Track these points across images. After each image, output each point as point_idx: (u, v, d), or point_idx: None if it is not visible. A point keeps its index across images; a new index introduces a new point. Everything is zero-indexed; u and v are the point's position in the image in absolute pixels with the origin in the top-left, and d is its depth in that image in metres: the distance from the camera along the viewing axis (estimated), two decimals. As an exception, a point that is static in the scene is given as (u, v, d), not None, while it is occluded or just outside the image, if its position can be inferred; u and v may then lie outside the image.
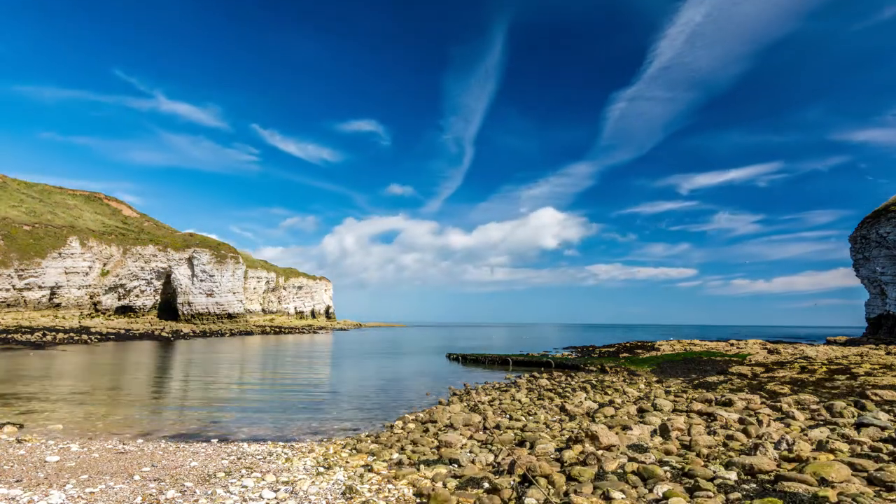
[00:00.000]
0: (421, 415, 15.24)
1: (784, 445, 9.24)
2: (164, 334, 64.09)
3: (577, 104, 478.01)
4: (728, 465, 8.25)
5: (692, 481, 7.40)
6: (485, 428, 12.91)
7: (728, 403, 14.86)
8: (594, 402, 16.72)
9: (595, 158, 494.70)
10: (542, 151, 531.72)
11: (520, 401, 17.68)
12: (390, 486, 7.95)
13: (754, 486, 7.21)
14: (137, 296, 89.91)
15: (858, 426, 11.16)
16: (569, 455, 9.07)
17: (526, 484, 7.59)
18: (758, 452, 8.63)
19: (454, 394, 20.60)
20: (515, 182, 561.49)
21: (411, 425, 13.62)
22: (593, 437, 9.74)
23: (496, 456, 9.57)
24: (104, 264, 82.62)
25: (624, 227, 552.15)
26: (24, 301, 68.24)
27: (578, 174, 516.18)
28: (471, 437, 11.71)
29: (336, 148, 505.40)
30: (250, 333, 77.96)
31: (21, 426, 12.78)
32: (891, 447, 9.10)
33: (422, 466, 8.96)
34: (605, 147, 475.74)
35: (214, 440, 11.91)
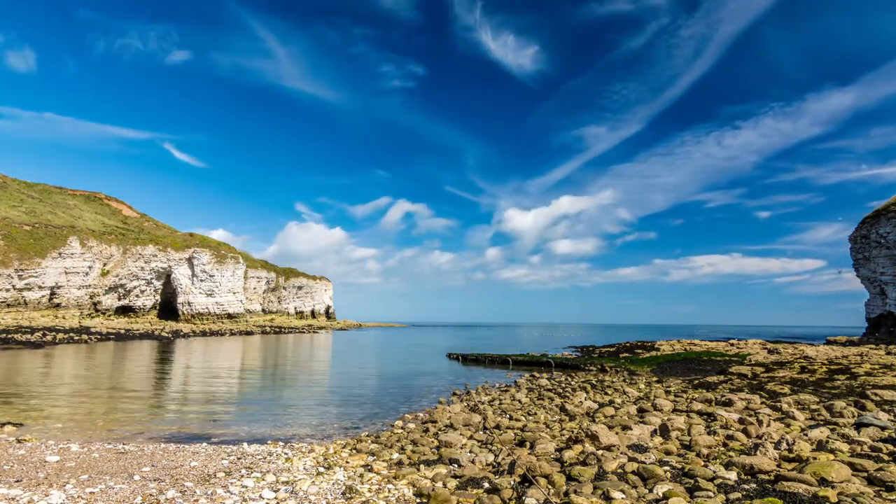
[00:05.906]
0: (421, 415, 15.23)
1: (784, 445, 9.23)
2: (164, 334, 64.03)
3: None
4: (728, 465, 8.25)
5: (692, 481, 7.39)
6: (485, 428, 12.91)
7: (728, 403, 14.85)
8: (594, 401, 16.71)
9: (875, 82, 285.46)
10: (798, 70, 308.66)
11: (520, 401, 17.67)
12: (390, 486, 7.95)
13: (754, 486, 7.21)
14: (137, 296, 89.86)
15: (858, 426, 11.15)
16: (569, 455, 9.07)
17: (526, 484, 7.59)
18: (758, 452, 8.62)
19: (454, 394, 20.59)
20: (707, 127, 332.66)
21: (411, 425, 13.62)
22: (593, 437, 9.74)
23: (496, 456, 9.56)
24: (104, 264, 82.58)
25: (816, 201, 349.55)
26: (24, 301, 68.22)
27: (813, 112, 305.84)
28: (471, 437, 11.71)
29: (547, 46, 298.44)
30: (250, 333, 77.91)
31: (21, 426, 12.78)
32: (891, 447, 9.09)
33: (422, 466, 8.96)
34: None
35: (214, 440, 11.91)
